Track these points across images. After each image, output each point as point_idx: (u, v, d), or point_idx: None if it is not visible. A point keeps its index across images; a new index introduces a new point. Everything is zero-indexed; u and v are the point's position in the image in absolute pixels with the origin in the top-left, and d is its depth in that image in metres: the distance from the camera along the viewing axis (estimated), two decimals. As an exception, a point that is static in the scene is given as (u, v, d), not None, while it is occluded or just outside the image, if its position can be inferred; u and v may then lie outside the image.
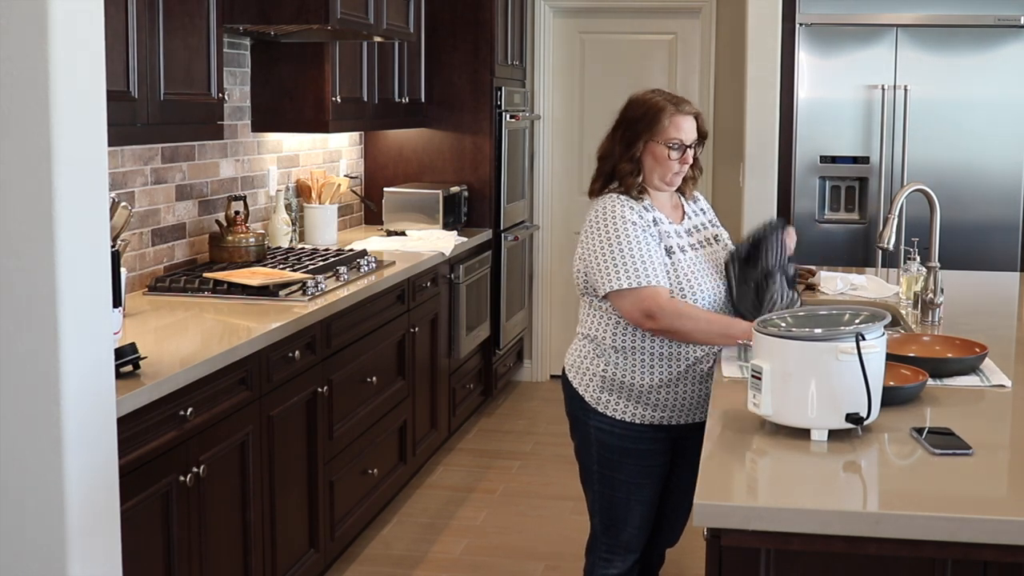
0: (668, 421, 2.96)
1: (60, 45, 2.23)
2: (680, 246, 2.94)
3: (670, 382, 2.93)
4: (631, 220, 2.86)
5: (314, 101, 4.65)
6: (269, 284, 3.81)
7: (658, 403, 2.94)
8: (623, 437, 2.96)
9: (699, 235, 3.04)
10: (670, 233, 2.93)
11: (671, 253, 2.90)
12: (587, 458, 3.05)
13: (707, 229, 3.09)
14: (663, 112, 2.94)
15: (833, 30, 5.47)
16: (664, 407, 2.94)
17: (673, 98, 2.99)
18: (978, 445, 2.20)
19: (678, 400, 2.95)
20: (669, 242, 2.92)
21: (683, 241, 2.96)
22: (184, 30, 3.46)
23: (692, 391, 2.95)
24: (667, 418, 2.96)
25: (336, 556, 4.01)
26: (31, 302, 2.27)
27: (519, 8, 6.37)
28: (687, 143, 2.94)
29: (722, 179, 6.55)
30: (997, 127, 5.43)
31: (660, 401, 2.94)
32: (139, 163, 3.84)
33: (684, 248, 2.94)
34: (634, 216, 2.88)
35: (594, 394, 2.98)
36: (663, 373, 2.92)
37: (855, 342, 2.18)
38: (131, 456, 2.65)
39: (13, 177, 2.25)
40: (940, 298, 3.43)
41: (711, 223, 3.13)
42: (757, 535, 1.93)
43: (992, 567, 1.92)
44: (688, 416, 2.97)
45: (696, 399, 2.96)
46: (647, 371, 2.92)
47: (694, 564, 4.05)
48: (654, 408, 2.94)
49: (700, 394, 2.95)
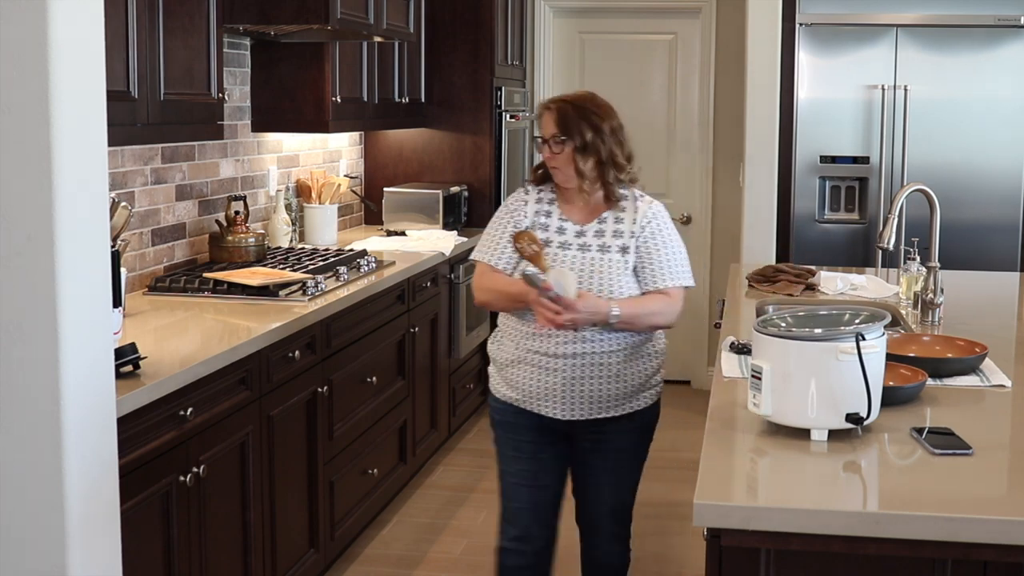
0: (516, 403, 3.05)
1: (60, 45, 2.23)
2: (562, 242, 2.99)
3: (510, 362, 3.04)
4: (508, 205, 3.09)
5: (314, 101, 4.65)
6: (269, 284, 3.81)
7: (514, 382, 3.04)
8: (495, 409, 3.14)
9: (592, 239, 2.99)
10: (550, 227, 3.01)
11: (547, 245, 2.98)
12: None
13: (618, 238, 2.97)
14: (540, 111, 3.06)
15: (833, 30, 5.47)
16: (517, 387, 3.03)
17: (554, 98, 3.08)
18: (978, 445, 2.20)
19: (519, 382, 3.02)
20: (548, 235, 3.00)
21: (567, 238, 2.99)
22: (184, 30, 3.46)
23: (528, 378, 3.01)
24: (515, 399, 3.05)
25: (336, 556, 4.01)
26: (31, 302, 2.27)
27: (519, 8, 6.37)
28: (546, 138, 2.99)
29: (722, 179, 6.55)
30: (997, 127, 5.43)
31: (514, 380, 3.04)
32: (139, 163, 3.84)
33: (567, 245, 2.99)
34: (516, 203, 3.08)
35: (489, 367, 3.20)
36: (513, 351, 3.04)
37: (855, 342, 2.18)
38: (131, 456, 2.65)
39: (13, 177, 2.25)
40: (940, 298, 3.43)
41: (631, 236, 2.98)
42: (757, 535, 1.94)
43: (992, 567, 1.92)
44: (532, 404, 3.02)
45: (535, 389, 3.00)
46: (504, 347, 3.07)
47: (694, 564, 4.05)
48: (511, 387, 3.05)
49: (539, 385, 2.99)
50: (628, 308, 2.91)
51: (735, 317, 3.59)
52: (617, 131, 3.02)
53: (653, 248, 2.99)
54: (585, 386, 2.99)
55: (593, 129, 2.97)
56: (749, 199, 5.61)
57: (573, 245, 2.98)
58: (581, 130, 2.96)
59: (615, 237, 2.99)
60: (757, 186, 5.57)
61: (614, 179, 3.00)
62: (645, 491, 4.99)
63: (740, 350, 2.99)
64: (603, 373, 2.98)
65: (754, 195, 5.58)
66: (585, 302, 2.82)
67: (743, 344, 3.01)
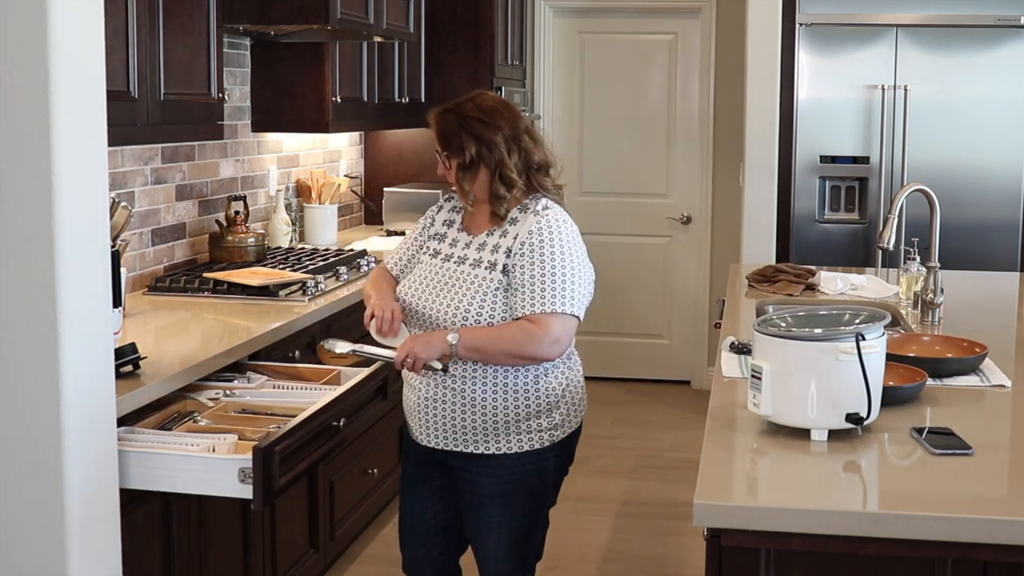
0: (410, 428, 2.87)
1: (60, 45, 2.23)
2: (437, 250, 2.82)
3: (399, 376, 2.85)
4: (426, 216, 2.95)
5: (314, 101, 4.65)
6: (269, 284, 3.81)
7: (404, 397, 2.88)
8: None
9: (470, 252, 2.75)
10: (445, 237, 2.84)
11: (425, 253, 2.85)
12: None
13: (493, 253, 2.71)
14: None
15: (833, 30, 5.47)
16: (403, 404, 2.88)
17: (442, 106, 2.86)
18: (978, 445, 2.20)
19: (405, 399, 2.86)
20: (431, 244, 2.85)
21: (443, 247, 2.81)
22: (184, 30, 3.46)
23: (407, 393, 2.84)
24: (409, 423, 2.87)
25: (336, 556, 4.01)
26: (31, 302, 2.27)
27: (519, 8, 6.37)
28: (438, 150, 2.78)
29: (722, 179, 6.54)
30: (997, 127, 5.43)
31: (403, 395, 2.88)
32: (139, 163, 3.84)
33: (438, 253, 2.81)
34: (428, 214, 2.93)
35: None
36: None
37: (855, 342, 2.18)
38: (131, 456, 2.64)
39: (13, 177, 2.26)
40: (940, 298, 3.43)
41: (506, 253, 2.68)
42: (757, 535, 1.94)
43: (992, 567, 1.92)
44: (414, 426, 2.83)
45: (409, 407, 2.83)
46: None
47: (694, 564, 4.06)
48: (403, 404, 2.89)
49: (407, 401, 2.84)
50: (471, 333, 2.61)
51: (735, 317, 3.59)
52: (513, 138, 2.72)
53: (523, 268, 2.65)
54: (438, 410, 2.74)
55: (478, 141, 2.69)
56: (749, 199, 5.61)
57: (454, 257, 2.77)
58: (463, 144, 2.70)
59: (492, 252, 2.71)
60: (757, 186, 5.57)
61: (503, 193, 2.71)
62: (645, 491, 5.03)
63: (740, 350, 2.99)
64: (456, 399, 2.71)
65: (754, 195, 5.58)
66: (416, 339, 2.63)
67: (743, 344, 3.00)
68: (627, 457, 5.41)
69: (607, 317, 6.78)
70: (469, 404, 2.71)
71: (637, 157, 6.69)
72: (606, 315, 6.79)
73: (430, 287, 2.76)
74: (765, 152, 5.54)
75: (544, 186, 2.80)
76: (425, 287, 2.77)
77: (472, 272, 2.71)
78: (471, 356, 2.64)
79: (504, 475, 2.75)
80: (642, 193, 6.70)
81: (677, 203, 6.67)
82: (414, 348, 2.61)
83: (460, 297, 2.68)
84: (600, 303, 6.84)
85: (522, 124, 2.76)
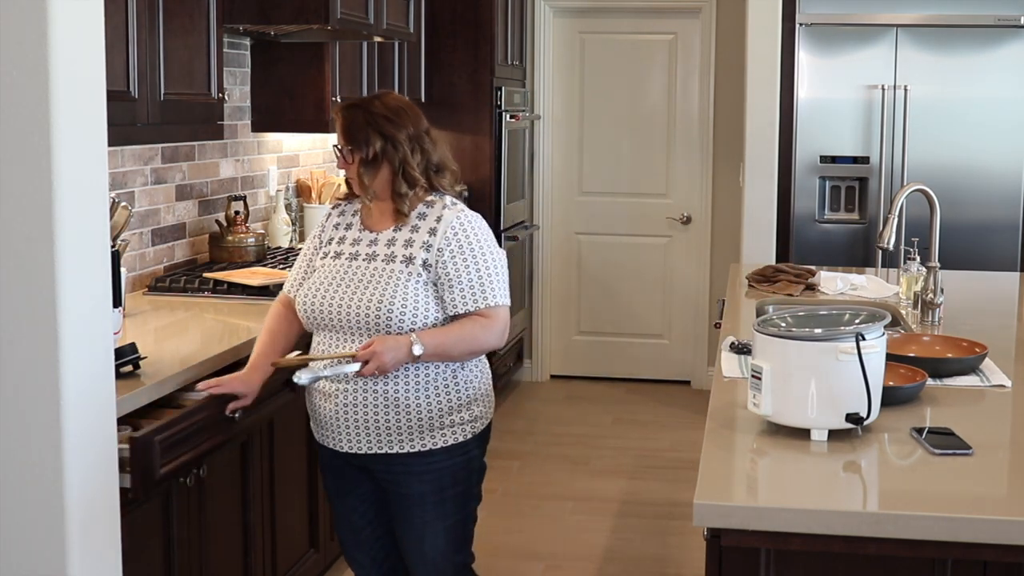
0: (320, 439, 2.85)
1: (60, 45, 2.23)
2: (338, 251, 2.80)
3: (309, 388, 2.81)
4: (318, 227, 2.93)
5: (314, 101, 4.65)
6: (269, 284, 3.81)
7: (310, 412, 2.84)
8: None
9: (379, 248, 2.75)
10: (346, 238, 2.82)
11: (325, 256, 2.82)
12: None
13: (406, 247, 2.72)
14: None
15: (833, 30, 5.47)
16: (312, 417, 2.85)
17: (347, 101, 2.90)
18: (978, 445, 2.21)
19: (316, 412, 2.81)
20: (330, 247, 2.83)
21: (344, 248, 2.80)
22: (184, 30, 3.46)
23: (315, 405, 2.80)
24: (317, 432, 2.85)
25: (336, 556, 4.00)
26: (31, 302, 2.27)
27: (519, 8, 6.37)
28: (337, 145, 2.80)
29: (722, 179, 6.54)
30: (997, 127, 5.43)
31: (310, 409, 2.84)
32: (139, 163, 3.84)
33: (341, 254, 2.79)
34: (319, 225, 2.92)
35: None
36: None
37: (855, 342, 2.18)
38: (131, 456, 2.64)
39: (13, 177, 2.25)
40: (940, 298, 3.43)
41: (425, 246, 2.70)
42: (757, 535, 1.94)
43: (992, 567, 1.92)
44: (324, 436, 2.82)
45: (321, 418, 2.80)
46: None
47: (694, 564, 4.06)
48: (311, 417, 2.86)
49: (321, 414, 2.79)
50: (433, 338, 2.63)
51: (735, 317, 3.59)
52: (416, 138, 2.76)
53: (455, 264, 2.69)
54: (359, 414, 2.72)
55: (383, 138, 2.72)
56: (749, 199, 5.61)
57: (361, 255, 2.76)
58: (368, 139, 2.72)
59: (405, 247, 2.72)
60: (757, 186, 5.57)
61: (405, 191, 2.73)
62: (645, 491, 5.03)
63: (740, 350, 2.99)
64: (379, 401, 2.70)
65: (754, 195, 5.58)
66: (382, 343, 2.59)
67: (743, 344, 3.01)
68: (627, 457, 5.41)
69: (607, 317, 6.78)
70: (392, 404, 2.70)
71: (637, 157, 6.69)
72: (606, 315, 6.80)
73: (339, 287, 2.74)
74: (765, 152, 5.54)
75: (443, 186, 2.82)
76: (333, 288, 2.75)
77: (386, 267, 2.72)
78: (434, 360, 2.69)
79: (434, 472, 2.76)
80: (642, 193, 6.70)
81: (677, 203, 6.67)
82: (384, 361, 2.59)
83: (381, 293, 2.68)
84: (600, 303, 6.89)
85: (424, 126, 2.81)
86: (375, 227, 2.80)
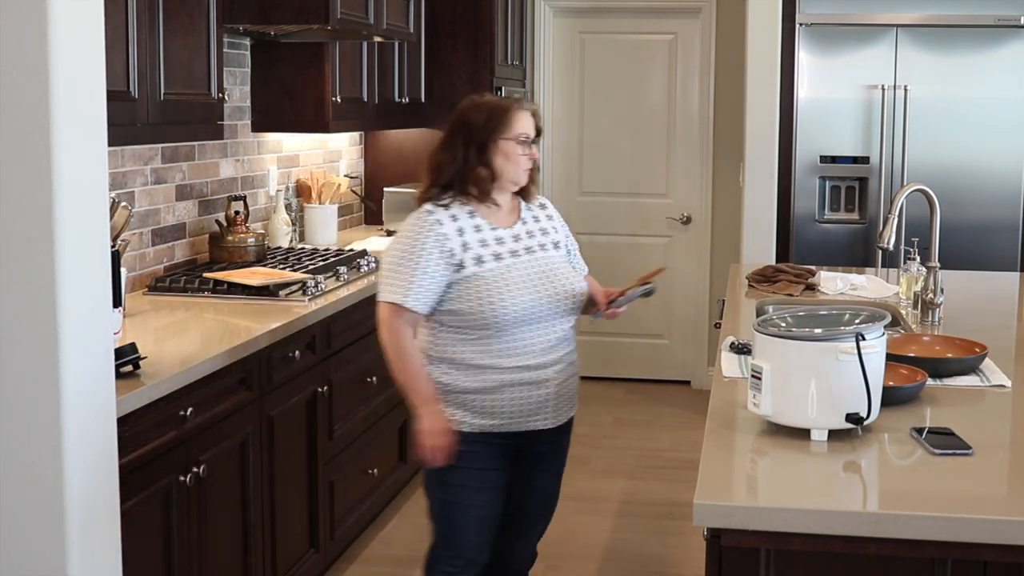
0: (498, 429, 2.90)
1: (60, 45, 2.24)
2: (497, 253, 2.87)
3: (490, 389, 2.86)
4: (421, 230, 2.84)
5: (314, 101, 4.65)
6: (269, 284, 3.81)
7: (483, 410, 2.87)
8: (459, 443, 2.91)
9: (531, 240, 2.96)
10: (488, 241, 2.87)
11: (482, 262, 2.84)
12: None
13: (546, 235, 3.01)
14: (509, 110, 2.92)
15: (833, 30, 5.47)
16: (490, 414, 2.88)
17: (507, 98, 3.09)
18: (978, 445, 2.21)
19: (504, 407, 2.88)
20: (483, 251, 2.85)
21: (504, 248, 2.89)
22: (184, 30, 3.46)
23: (516, 398, 2.88)
24: (496, 426, 2.89)
25: (336, 556, 4.01)
26: (31, 302, 2.27)
27: (519, 8, 6.37)
28: (532, 137, 2.93)
29: (722, 179, 6.55)
30: (997, 127, 5.43)
31: (494, 407, 2.88)
32: (139, 163, 3.84)
33: (502, 255, 2.87)
34: (430, 227, 2.84)
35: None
36: (482, 381, 2.86)
37: (855, 342, 2.18)
38: (131, 456, 2.64)
39: (13, 177, 2.26)
40: (940, 298, 3.43)
41: (553, 229, 3.04)
42: (757, 535, 1.94)
43: (992, 567, 1.92)
44: (521, 423, 2.91)
45: (524, 407, 2.90)
46: (467, 378, 2.86)
47: (694, 564, 4.06)
48: (490, 415, 2.88)
49: (528, 402, 2.90)
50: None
51: (735, 317, 3.59)
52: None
53: (572, 237, 3.14)
54: (568, 387, 2.98)
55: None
56: (749, 199, 5.61)
57: (520, 251, 2.92)
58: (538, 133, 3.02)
59: (544, 235, 3.01)
60: (757, 186, 5.57)
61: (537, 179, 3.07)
62: (645, 491, 5.03)
63: (740, 350, 2.99)
64: (573, 367, 3.01)
65: (754, 195, 5.58)
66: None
67: (743, 344, 3.01)
68: (627, 457, 5.42)
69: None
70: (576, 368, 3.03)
71: (637, 157, 6.69)
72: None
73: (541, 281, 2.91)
74: (765, 152, 5.54)
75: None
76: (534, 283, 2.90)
77: (556, 253, 3.00)
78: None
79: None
80: (642, 193, 6.70)
81: (677, 203, 6.67)
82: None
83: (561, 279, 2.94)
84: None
85: None
86: (504, 224, 2.96)
